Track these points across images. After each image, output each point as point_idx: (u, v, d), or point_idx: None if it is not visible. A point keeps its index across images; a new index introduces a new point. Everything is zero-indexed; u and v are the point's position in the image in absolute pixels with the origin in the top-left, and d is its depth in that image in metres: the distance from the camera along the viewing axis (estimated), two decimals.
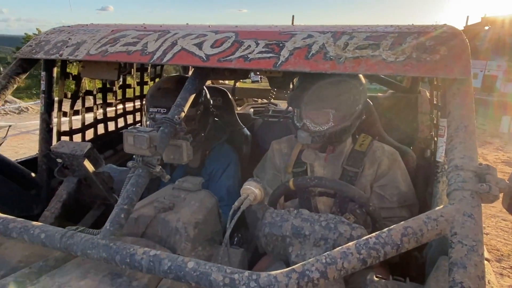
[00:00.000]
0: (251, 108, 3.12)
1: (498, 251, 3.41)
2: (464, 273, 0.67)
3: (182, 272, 0.77)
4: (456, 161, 0.84)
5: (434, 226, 0.74)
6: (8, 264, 0.99)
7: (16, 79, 1.48)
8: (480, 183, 0.78)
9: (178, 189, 1.24)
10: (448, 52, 1.00)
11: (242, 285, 0.72)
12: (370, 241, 0.74)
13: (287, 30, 1.25)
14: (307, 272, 0.72)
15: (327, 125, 1.46)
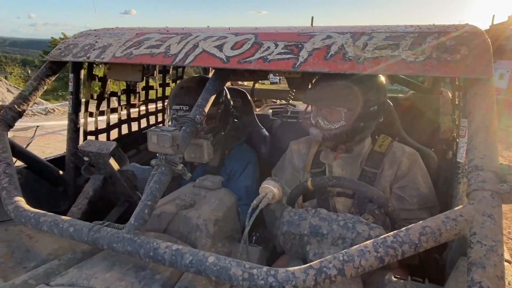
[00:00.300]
0: (269, 109, 3.13)
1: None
2: (483, 273, 0.67)
3: (203, 266, 0.80)
4: (476, 161, 0.83)
5: (453, 226, 0.74)
6: (39, 256, 1.05)
7: (46, 81, 1.53)
8: (501, 183, 0.77)
9: (198, 187, 1.27)
10: (469, 52, 0.99)
11: (260, 280, 0.74)
12: (387, 240, 0.75)
13: (306, 31, 1.26)
14: (324, 269, 0.73)
15: (338, 123, 1.47)
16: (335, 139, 1.54)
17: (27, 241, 1.14)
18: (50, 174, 1.63)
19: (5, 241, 1.10)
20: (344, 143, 1.57)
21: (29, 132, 5.54)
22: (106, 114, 2.06)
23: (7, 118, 1.40)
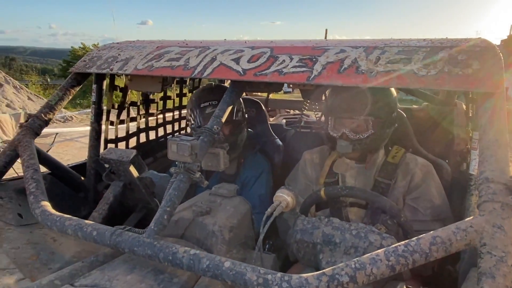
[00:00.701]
0: (283, 119, 3.14)
1: None
2: (493, 283, 0.68)
3: (219, 270, 0.82)
4: (487, 173, 0.84)
5: (463, 236, 0.75)
6: (63, 258, 1.09)
7: (71, 91, 1.59)
8: (511, 196, 0.78)
9: (214, 195, 1.29)
10: (480, 66, 1.00)
11: (274, 285, 0.76)
12: (399, 249, 0.76)
13: (320, 45, 1.28)
14: (337, 276, 0.75)
15: (367, 132, 1.48)
16: (366, 149, 1.55)
17: (51, 243, 1.17)
18: (72, 180, 1.67)
19: (32, 243, 1.14)
20: (371, 151, 1.58)
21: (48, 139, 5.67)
22: (126, 123, 2.10)
23: (35, 127, 1.45)
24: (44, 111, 1.51)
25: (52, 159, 1.60)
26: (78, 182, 1.69)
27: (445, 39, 1.24)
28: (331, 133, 1.57)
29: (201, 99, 1.78)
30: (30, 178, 1.24)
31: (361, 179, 1.59)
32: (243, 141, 1.92)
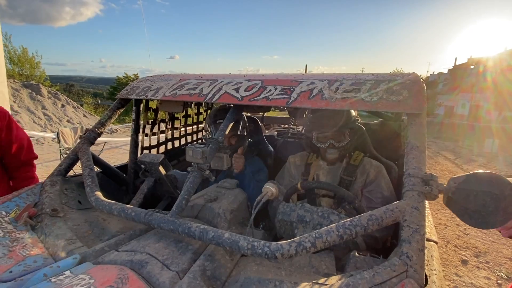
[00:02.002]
0: (275, 131, 3.09)
1: (476, 248, 3.22)
2: (410, 246, 0.74)
3: (221, 240, 0.87)
4: (410, 170, 0.89)
5: (391, 215, 0.81)
6: (110, 232, 1.12)
7: (117, 112, 1.60)
8: (425, 186, 0.84)
9: (220, 187, 1.33)
10: (409, 94, 1.03)
11: (259, 249, 0.82)
12: (346, 223, 0.82)
13: (297, 78, 1.31)
14: (302, 243, 0.80)
15: (346, 141, 1.53)
16: (346, 153, 1.59)
17: (102, 222, 1.19)
18: (117, 177, 1.67)
19: (88, 222, 1.17)
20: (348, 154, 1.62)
21: (98, 146, 5.70)
22: (157, 135, 2.10)
23: (91, 138, 1.48)
24: (97, 126, 1.53)
25: (102, 162, 1.61)
26: (121, 178, 1.69)
27: (387, 73, 1.27)
28: (318, 144, 1.56)
29: (216, 117, 1.79)
30: (87, 175, 1.27)
31: (330, 177, 1.59)
32: (245, 148, 1.92)
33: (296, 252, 0.79)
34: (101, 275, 0.80)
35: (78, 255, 0.91)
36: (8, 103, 5.00)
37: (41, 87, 10.10)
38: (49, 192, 1.24)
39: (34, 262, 0.92)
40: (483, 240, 3.41)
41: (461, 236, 3.50)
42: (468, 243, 3.32)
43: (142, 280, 0.79)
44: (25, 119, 8.34)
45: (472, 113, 21.57)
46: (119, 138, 8.16)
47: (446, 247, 3.24)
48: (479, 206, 0.77)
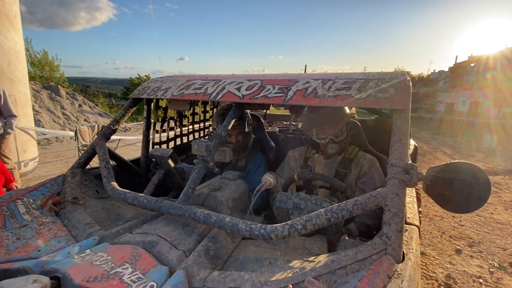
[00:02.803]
0: (277, 127, 3.11)
1: (470, 238, 3.22)
2: (389, 228, 0.79)
3: (222, 223, 0.93)
4: (393, 161, 0.92)
5: (374, 200, 0.85)
6: (124, 218, 1.19)
7: (130, 110, 1.65)
8: (406, 175, 0.87)
9: (224, 178, 1.38)
10: (395, 92, 1.06)
11: (256, 231, 0.88)
12: (333, 208, 0.87)
13: (294, 78, 1.34)
14: (294, 225, 0.86)
15: (344, 135, 1.57)
16: (344, 147, 1.62)
17: (117, 209, 1.26)
18: (130, 170, 1.72)
19: (105, 209, 1.23)
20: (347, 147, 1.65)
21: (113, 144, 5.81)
22: (166, 131, 2.15)
23: (107, 134, 1.54)
24: (112, 123, 1.59)
25: (118, 156, 1.66)
26: (134, 171, 1.74)
27: (377, 72, 1.28)
28: (317, 140, 1.58)
29: (224, 115, 1.80)
30: (103, 167, 1.33)
31: (327, 169, 1.62)
32: (250, 144, 1.96)
33: (289, 233, 0.85)
34: (117, 253, 0.87)
35: (97, 236, 0.98)
36: (30, 103, 5.15)
37: (60, 88, 10.30)
38: (70, 182, 1.32)
39: (58, 243, 0.99)
40: (478, 231, 3.41)
41: (456, 227, 3.50)
42: (463, 234, 3.32)
43: (153, 257, 0.85)
44: (45, 118, 8.54)
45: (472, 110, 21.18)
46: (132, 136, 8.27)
47: (441, 237, 3.25)
48: (455, 192, 0.81)
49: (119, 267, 0.80)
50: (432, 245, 3.07)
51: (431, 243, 3.10)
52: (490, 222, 3.67)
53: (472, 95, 22.31)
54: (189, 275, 0.79)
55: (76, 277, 0.75)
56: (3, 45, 4.41)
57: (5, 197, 1.17)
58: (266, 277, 0.75)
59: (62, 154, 6.46)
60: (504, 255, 2.90)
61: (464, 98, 23.54)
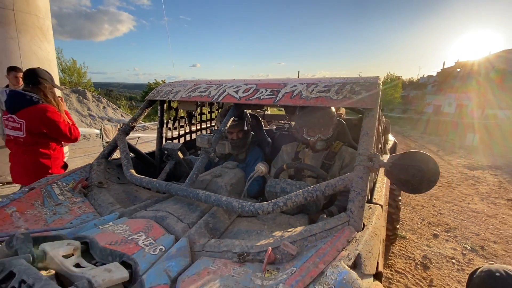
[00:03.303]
0: (274, 126, 3.17)
1: (447, 225, 3.26)
2: (353, 204, 0.86)
3: (220, 202, 1.01)
4: (360, 150, 0.99)
5: (342, 183, 0.92)
6: (140, 199, 1.27)
7: (146, 110, 1.73)
8: (369, 162, 0.95)
9: (224, 167, 1.46)
10: (366, 94, 1.12)
11: (246, 208, 0.96)
12: (309, 189, 0.94)
13: (284, 82, 1.40)
14: (277, 203, 0.94)
15: (331, 133, 1.63)
16: (331, 143, 1.67)
17: (135, 191, 1.35)
18: (146, 161, 1.80)
19: (125, 192, 1.33)
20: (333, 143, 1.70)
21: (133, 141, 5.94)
22: (177, 129, 2.23)
23: (126, 129, 1.63)
24: (131, 121, 1.67)
25: (136, 149, 1.74)
26: (150, 162, 1.81)
27: (355, 77, 1.35)
28: (308, 138, 1.62)
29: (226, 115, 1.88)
30: (124, 158, 1.42)
31: (314, 161, 1.68)
32: (249, 140, 2.03)
33: (273, 209, 0.93)
34: (134, 224, 0.96)
35: (117, 212, 1.07)
36: None
37: (87, 92, 10.53)
38: (96, 170, 1.42)
39: (87, 217, 1.09)
40: (454, 218, 3.44)
41: (435, 215, 3.54)
42: (441, 221, 3.36)
43: (162, 228, 0.95)
44: (74, 118, 8.78)
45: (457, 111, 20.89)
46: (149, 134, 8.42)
47: (421, 223, 3.29)
48: (410, 176, 0.88)
49: (135, 234, 0.89)
50: (412, 230, 3.11)
51: (411, 229, 3.15)
52: (467, 211, 3.70)
53: (458, 97, 21.98)
54: (191, 242, 0.89)
55: (101, 241, 0.85)
56: (37, 54, 4.56)
57: (43, 181, 1.28)
58: (252, 243, 0.84)
59: (88, 150, 6.64)
60: (477, 239, 2.93)
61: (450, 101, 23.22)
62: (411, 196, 4.15)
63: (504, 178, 5.31)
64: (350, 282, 0.60)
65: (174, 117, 2.16)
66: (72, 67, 13.92)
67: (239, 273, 0.73)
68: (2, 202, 1.09)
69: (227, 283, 0.69)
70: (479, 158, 7.05)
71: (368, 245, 0.75)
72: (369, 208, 0.98)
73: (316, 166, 1.64)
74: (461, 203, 3.96)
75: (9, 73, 3.35)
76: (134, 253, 0.80)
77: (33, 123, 1.90)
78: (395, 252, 2.63)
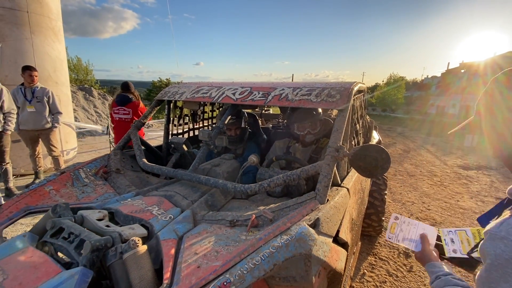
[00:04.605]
0: (271, 124, 3.37)
1: (434, 219, 3.47)
2: (320, 184, 1.09)
3: (217, 184, 1.24)
4: (330, 143, 1.20)
5: (314, 168, 1.15)
6: (152, 183, 1.48)
7: (155, 109, 1.95)
8: (336, 152, 1.18)
9: (222, 158, 1.69)
10: (340, 97, 1.34)
11: (238, 188, 1.19)
12: (288, 173, 1.17)
13: (274, 86, 1.61)
14: (263, 185, 1.17)
15: (318, 128, 1.84)
16: (318, 137, 1.88)
17: (147, 177, 1.57)
18: (155, 153, 2.01)
19: (138, 177, 1.55)
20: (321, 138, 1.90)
21: None
22: (182, 125, 2.45)
23: (138, 125, 1.86)
24: (142, 118, 1.90)
25: (146, 142, 1.96)
26: (158, 154, 2.01)
27: (335, 82, 1.57)
28: (298, 132, 1.85)
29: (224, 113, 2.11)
30: (137, 149, 1.65)
31: (303, 155, 1.90)
32: (246, 136, 2.23)
33: (259, 189, 1.17)
34: (148, 200, 1.21)
35: (134, 192, 1.33)
36: (71, 102, 5.60)
37: (93, 90, 10.83)
38: (113, 159, 1.67)
39: (109, 196, 1.34)
40: (441, 214, 3.65)
41: (424, 210, 3.75)
42: (428, 216, 3.57)
43: (171, 203, 1.20)
44: (81, 115, 9.08)
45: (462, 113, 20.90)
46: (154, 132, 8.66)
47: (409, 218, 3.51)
48: (367, 164, 1.12)
49: (150, 207, 1.14)
50: None
51: None
52: (455, 207, 3.90)
53: (463, 99, 21.98)
54: (193, 213, 1.13)
55: (124, 210, 1.10)
56: (50, 54, 4.85)
57: (70, 167, 1.53)
58: (241, 213, 1.08)
59: (95, 146, 6.93)
60: None
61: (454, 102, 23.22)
62: (402, 193, 4.36)
63: (497, 178, 5.49)
64: (307, 235, 0.84)
65: (179, 115, 2.39)
66: (78, 64, 14.29)
67: (229, 233, 0.98)
68: (40, 182, 1.35)
69: (220, 238, 0.94)
70: (475, 159, 7.21)
71: (327, 213, 0.99)
72: (336, 189, 1.21)
73: (304, 159, 1.87)
74: (451, 200, 4.16)
75: (24, 72, 3.64)
76: (150, 219, 1.05)
77: (134, 110, 3.56)
78: (380, 242, 2.86)
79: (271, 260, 0.74)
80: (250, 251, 0.79)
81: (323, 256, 0.84)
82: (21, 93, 3.67)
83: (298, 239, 0.80)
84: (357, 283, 2.22)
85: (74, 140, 5.48)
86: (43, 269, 0.77)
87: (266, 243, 0.82)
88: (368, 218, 2.62)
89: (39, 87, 3.72)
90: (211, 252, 0.84)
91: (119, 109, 3.55)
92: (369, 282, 2.24)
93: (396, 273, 2.40)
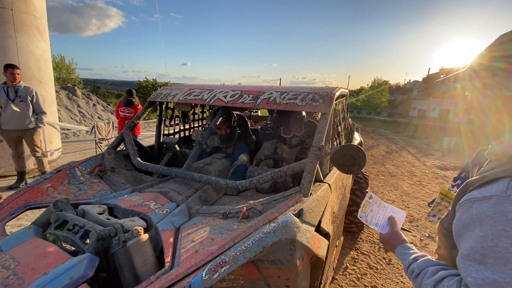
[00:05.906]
0: (259, 125, 3.45)
1: (412, 216, 3.70)
2: (304, 180, 1.21)
3: (209, 181, 1.34)
4: (313, 143, 1.33)
5: (299, 166, 1.27)
6: (146, 181, 1.54)
7: (147, 110, 2.01)
8: (319, 151, 1.31)
9: (213, 158, 1.79)
10: (322, 101, 1.47)
11: (229, 184, 1.30)
12: (275, 170, 1.30)
13: (263, 90, 1.72)
14: (253, 181, 1.28)
15: (303, 130, 1.95)
16: (304, 139, 1.98)
17: (141, 175, 1.63)
18: (147, 153, 2.03)
19: (132, 176, 1.61)
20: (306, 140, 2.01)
21: None
22: (173, 126, 2.52)
23: (131, 126, 1.92)
24: (135, 119, 1.97)
25: (138, 142, 2.00)
26: (150, 154, 2.04)
27: (318, 87, 1.71)
28: (284, 135, 1.95)
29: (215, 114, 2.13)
30: (131, 149, 1.72)
31: (289, 155, 2.00)
32: (236, 136, 2.32)
33: (249, 185, 1.28)
34: (145, 196, 1.29)
35: (130, 189, 1.40)
36: (55, 102, 5.50)
37: (76, 89, 10.58)
38: (107, 158, 1.73)
39: (105, 193, 1.41)
40: (419, 211, 3.90)
41: (403, 208, 3.98)
42: (407, 214, 3.81)
43: (167, 198, 1.29)
44: (64, 115, 8.85)
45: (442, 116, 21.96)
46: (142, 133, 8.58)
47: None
48: (346, 161, 1.26)
49: (147, 202, 1.23)
50: None
51: None
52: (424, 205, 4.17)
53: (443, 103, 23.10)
54: (188, 207, 1.23)
55: (122, 205, 1.18)
56: (34, 53, 4.76)
57: (66, 166, 1.58)
58: (233, 206, 1.19)
59: (79, 146, 6.80)
60: (435, 229, 3.38)
61: (435, 106, 24.37)
62: (384, 192, 4.60)
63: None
64: (292, 222, 0.96)
65: (170, 116, 2.46)
66: (61, 63, 13.88)
67: (223, 223, 1.08)
68: (38, 180, 1.40)
69: (215, 228, 1.04)
70: (452, 160, 7.65)
71: (310, 205, 1.12)
72: (319, 184, 1.34)
73: (291, 159, 2.00)
74: (428, 199, 4.44)
75: (6, 70, 3.58)
76: (148, 212, 1.14)
77: (135, 111, 5.00)
78: (363, 238, 3.04)
79: (260, 243, 0.85)
80: (243, 236, 0.91)
81: (306, 242, 0.96)
82: (4, 92, 3.60)
83: (284, 226, 0.92)
84: (340, 275, 2.37)
85: (58, 141, 5.38)
86: (52, 256, 0.85)
87: (256, 230, 0.93)
88: (350, 215, 2.78)
89: (22, 86, 3.66)
90: (207, 239, 0.95)
91: (125, 109, 5.04)
92: (351, 275, 2.40)
93: (376, 266, 2.57)
